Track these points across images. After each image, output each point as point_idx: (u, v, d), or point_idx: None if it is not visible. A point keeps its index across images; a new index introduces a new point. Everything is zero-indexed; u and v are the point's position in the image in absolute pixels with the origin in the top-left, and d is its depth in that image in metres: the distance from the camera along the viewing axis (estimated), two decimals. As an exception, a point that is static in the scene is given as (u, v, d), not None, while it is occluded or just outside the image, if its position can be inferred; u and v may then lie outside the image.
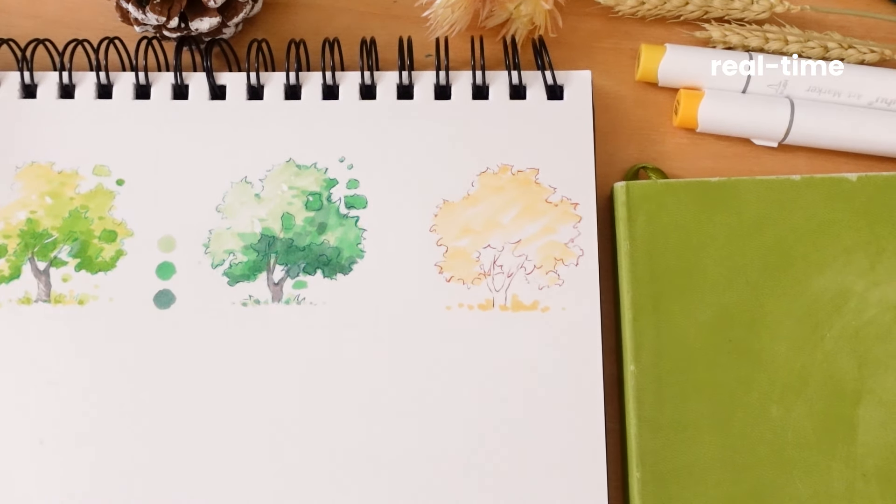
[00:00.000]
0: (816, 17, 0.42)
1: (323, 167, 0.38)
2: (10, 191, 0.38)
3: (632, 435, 0.35)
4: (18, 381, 0.36)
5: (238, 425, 0.35)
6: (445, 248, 0.37)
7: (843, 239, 0.36)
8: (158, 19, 0.38)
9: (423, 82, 0.39)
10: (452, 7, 0.39)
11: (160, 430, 0.35)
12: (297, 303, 0.36)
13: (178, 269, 0.37)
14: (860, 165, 0.40)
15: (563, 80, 0.39)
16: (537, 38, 0.40)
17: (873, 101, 0.39)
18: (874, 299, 0.36)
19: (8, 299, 0.36)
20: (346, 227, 0.37)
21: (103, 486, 0.35)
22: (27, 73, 0.39)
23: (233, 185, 0.38)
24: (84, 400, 0.35)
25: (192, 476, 0.35)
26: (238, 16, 0.39)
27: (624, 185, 0.37)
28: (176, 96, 0.39)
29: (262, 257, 0.37)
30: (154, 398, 0.36)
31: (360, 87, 0.39)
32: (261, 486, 0.35)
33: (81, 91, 0.39)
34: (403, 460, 0.35)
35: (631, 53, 0.42)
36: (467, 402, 0.35)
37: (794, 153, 0.40)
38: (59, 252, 0.37)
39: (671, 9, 0.41)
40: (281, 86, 0.39)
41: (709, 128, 0.39)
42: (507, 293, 0.37)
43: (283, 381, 0.36)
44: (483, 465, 0.35)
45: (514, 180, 0.38)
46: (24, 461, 0.35)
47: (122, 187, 0.38)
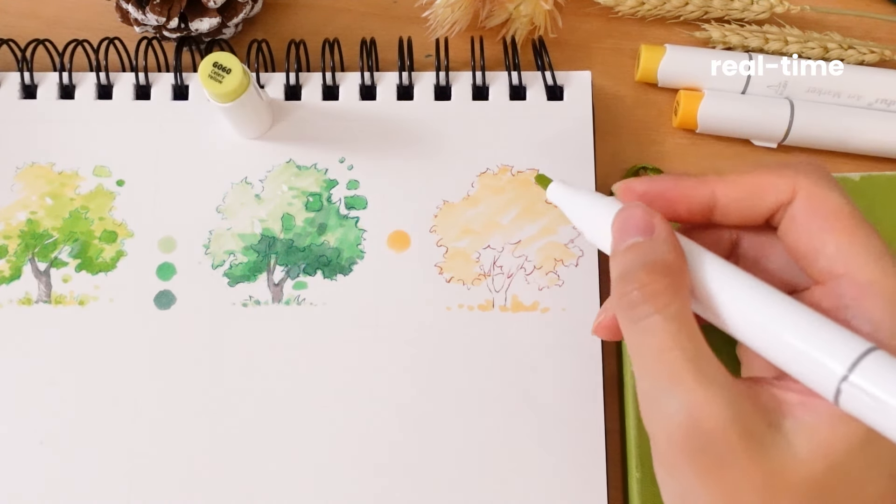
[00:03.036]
0: (816, 18, 0.42)
1: (323, 168, 0.38)
2: (11, 191, 0.38)
3: (632, 435, 0.35)
4: (19, 382, 0.36)
5: (238, 426, 0.35)
6: (445, 248, 0.37)
7: (842, 240, 0.36)
8: (158, 20, 0.38)
9: (423, 83, 0.39)
10: (452, 7, 0.39)
11: (160, 431, 0.35)
12: (297, 303, 0.36)
13: (179, 270, 0.37)
14: (859, 166, 0.40)
15: (563, 81, 0.39)
16: (537, 38, 0.40)
17: (873, 101, 0.39)
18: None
19: (8, 300, 0.36)
20: (346, 228, 0.37)
21: (103, 486, 0.35)
22: (27, 73, 0.39)
23: (233, 186, 0.38)
24: (84, 400, 0.36)
25: (193, 476, 0.35)
26: (238, 16, 0.39)
27: (624, 186, 0.37)
28: (176, 97, 0.39)
29: (262, 258, 0.37)
30: (154, 399, 0.36)
31: (360, 87, 0.39)
32: (261, 486, 0.35)
33: (81, 91, 0.39)
34: (403, 460, 0.35)
35: (631, 54, 0.42)
36: (467, 403, 0.35)
37: (794, 154, 0.40)
38: (60, 253, 0.37)
39: (671, 9, 0.41)
40: (281, 86, 0.39)
41: (708, 128, 0.39)
42: (507, 294, 0.37)
43: (283, 381, 0.36)
44: (483, 465, 0.35)
45: (513, 181, 0.38)
46: (24, 461, 0.35)
47: (122, 188, 0.38)
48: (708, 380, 0.24)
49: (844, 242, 0.25)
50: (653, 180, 0.28)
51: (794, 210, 0.26)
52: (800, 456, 0.24)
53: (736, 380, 0.25)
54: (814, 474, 0.24)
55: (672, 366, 0.24)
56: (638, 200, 0.28)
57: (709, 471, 0.24)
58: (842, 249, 0.25)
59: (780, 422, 0.24)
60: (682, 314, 0.25)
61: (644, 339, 0.25)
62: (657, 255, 0.26)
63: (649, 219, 0.27)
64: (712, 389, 0.24)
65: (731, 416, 0.23)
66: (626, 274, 0.26)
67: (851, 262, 0.25)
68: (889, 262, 0.25)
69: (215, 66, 0.33)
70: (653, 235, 0.27)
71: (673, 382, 0.24)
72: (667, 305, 0.25)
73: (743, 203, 0.27)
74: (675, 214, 0.28)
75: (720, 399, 0.24)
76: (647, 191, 0.28)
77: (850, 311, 0.25)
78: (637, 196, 0.28)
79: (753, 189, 0.27)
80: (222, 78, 0.33)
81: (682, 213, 0.28)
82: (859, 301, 0.25)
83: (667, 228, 0.27)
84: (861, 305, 0.24)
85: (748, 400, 0.24)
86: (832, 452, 0.23)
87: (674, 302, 0.25)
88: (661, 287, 0.25)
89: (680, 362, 0.24)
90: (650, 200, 0.28)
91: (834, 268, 0.25)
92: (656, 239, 0.26)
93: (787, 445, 0.24)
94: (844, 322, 0.25)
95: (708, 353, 0.25)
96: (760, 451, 0.24)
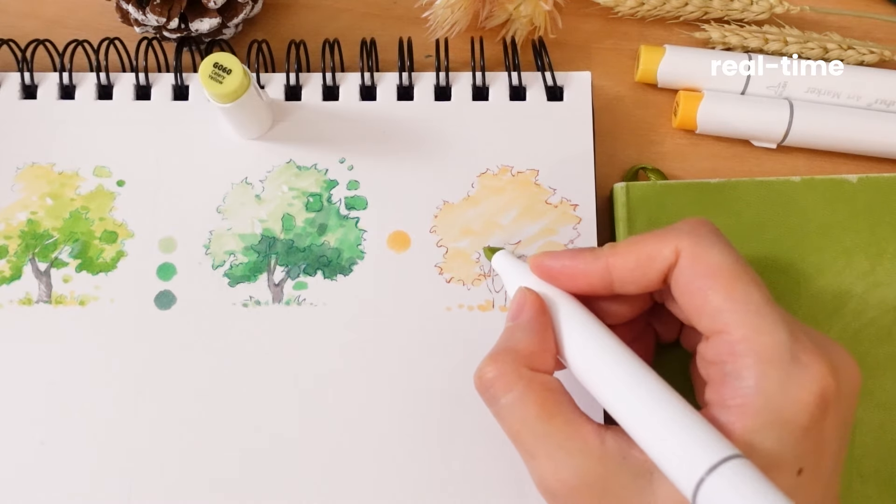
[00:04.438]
0: (816, 18, 0.42)
1: (323, 168, 0.38)
2: (11, 192, 0.38)
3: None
4: (19, 382, 0.36)
5: (238, 426, 0.35)
6: (445, 248, 0.37)
7: (843, 240, 0.36)
8: (158, 20, 0.38)
9: (423, 83, 0.39)
10: (452, 8, 0.39)
11: (161, 431, 0.35)
12: (297, 304, 0.37)
13: (179, 270, 0.37)
14: (859, 166, 0.40)
15: (562, 81, 0.39)
16: (537, 38, 0.40)
17: (872, 102, 0.39)
18: (874, 301, 0.36)
19: (9, 300, 0.37)
20: (346, 229, 0.37)
21: (104, 486, 0.35)
22: (27, 73, 0.39)
23: (233, 186, 0.38)
24: (85, 401, 0.36)
25: (193, 476, 0.35)
26: (238, 16, 0.39)
27: (624, 186, 0.37)
28: (176, 97, 0.39)
29: (262, 258, 0.37)
30: (155, 399, 0.36)
31: (360, 87, 0.39)
32: (261, 485, 0.35)
33: (82, 92, 0.39)
34: (403, 460, 0.35)
35: (631, 54, 0.42)
36: (467, 403, 0.36)
37: (794, 154, 0.40)
38: (60, 253, 0.37)
39: (671, 9, 0.41)
40: (281, 86, 0.39)
41: (708, 129, 0.40)
42: (507, 294, 0.37)
43: (283, 381, 0.36)
44: (483, 465, 0.35)
45: (513, 181, 0.38)
46: (24, 461, 0.35)
47: (122, 188, 0.38)
48: (556, 454, 0.27)
49: (722, 299, 0.26)
50: (556, 256, 0.30)
51: (677, 272, 0.27)
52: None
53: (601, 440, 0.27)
54: None
55: (524, 445, 0.28)
56: (544, 274, 0.30)
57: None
58: (720, 307, 0.26)
59: (650, 471, 0.26)
60: (523, 396, 0.27)
61: (500, 421, 0.29)
62: (511, 341, 0.29)
63: (522, 302, 0.30)
64: (561, 461, 0.26)
65: (584, 480, 0.26)
66: (485, 358, 0.29)
67: (728, 319, 0.26)
68: (764, 318, 0.26)
69: (215, 67, 0.33)
70: (517, 320, 0.29)
71: (529, 458, 0.28)
72: (508, 390, 0.28)
73: (634, 273, 0.28)
74: (579, 288, 0.30)
75: (570, 469, 0.26)
76: (551, 266, 0.30)
77: (727, 366, 0.26)
78: (542, 270, 0.31)
79: (640, 257, 0.28)
80: (222, 78, 0.33)
81: (583, 286, 0.30)
82: (734, 358, 0.26)
83: (531, 313, 0.29)
84: (735, 363, 0.25)
85: (608, 458, 0.26)
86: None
87: (515, 387, 0.28)
88: (502, 373, 0.28)
89: (530, 442, 0.27)
90: (553, 276, 0.30)
91: (714, 325, 0.26)
92: (517, 325, 0.29)
93: (651, 497, 0.25)
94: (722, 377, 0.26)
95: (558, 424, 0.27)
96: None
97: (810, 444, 0.25)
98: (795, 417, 0.25)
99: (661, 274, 0.28)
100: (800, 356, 0.25)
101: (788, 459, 0.24)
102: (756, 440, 0.24)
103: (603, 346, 0.28)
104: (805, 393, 0.25)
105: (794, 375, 0.25)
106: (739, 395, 0.25)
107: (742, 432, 0.24)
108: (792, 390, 0.25)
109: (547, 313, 0.29)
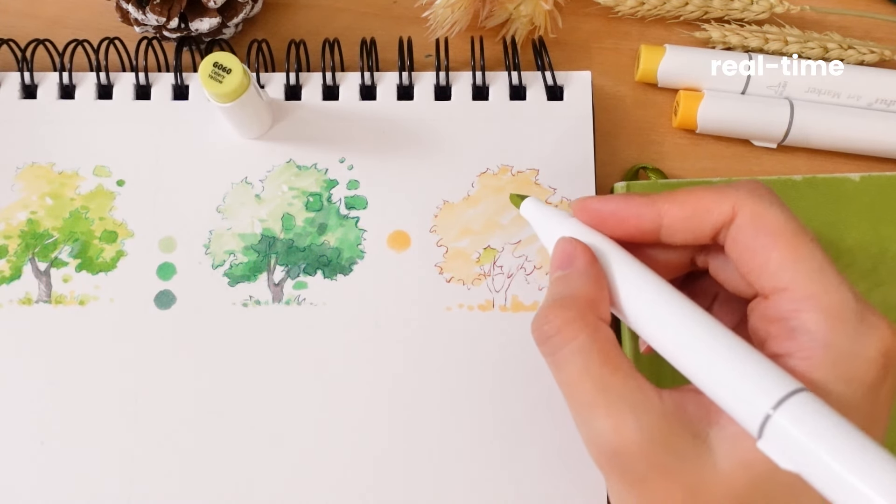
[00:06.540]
0: (816, 18, 0.42)
1: (323, 168, 0.38)
2: (11, 191, 0.38)
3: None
4: (19, 382, 0.36)
5: (239, 426, 0.35)
6: (445, 248, 0.37)
7: (845, 240, 0.36)
8: (158, 20, 0.38)
9: (423, 83, 0.39)
10: (452, 7, 0.39)
11: (161, 431, 0.35)
12: (297, 303, 0.36)
13: (179, 270, 0.37)
14: (859, 166, 0.40)
15: (563, 81, 0.39)
16: (537, 38, 0.40)
17: (873, 101, 0.39)
18: (876, 301, 0.36)
19: (9, 300, 0.36)
20: (346, 228, 0.37)
21: (104, 485, 0.35)
22: (27, 73, 0.39)
23: (233, 186, 0.38)
24: (85, 400, 0.36)
25: (193, 476, 0.35)
26: (238, 16, 0.39)
27: (624, 186, 0.37)
28: (176, 97, 0.39)
29: (262, 258, 0.37)
30: (154, 398, 0.36)
31: (360, 87, 0.39)
32: (261, 486, 0.35)
33: (81, 91, 0.39)
34: (403, 460, 0.35)
35: (631, 54, 0.42)
36: (467, 403, 0.35)
37: (794, 154, 0.40)
38: (60, 253, 0.37)
39: (671, 9, 0.41)
40: (281, 86, 0.39)
41: (708, 128, 0.39)
42: (507, 294, 0.37)
43: (283, 381, 0.36)
44: (483, 465, 0.35)
45: (514, 181, 0.38)
46: (24, 461, 0.35)
47: (122, 188, 0.38)
48: (619, 407, 0.25)
49: (786, 258, 0.26)
50: (606, 199, 0.29)
51: (736, 228, 0.27)
52: (721, 468, 0.24)
53: (659, 396, 0.26)
54: (735, 489, 0.24)
55: (584, 397, 0.26)
56: (591, 218, 0.29)
57: (633, 485, 0.25)
58: (783, 265, 0.26)
59: (707, 431, 0.25)
60: (588, 346, 0.26)
61: (558, 371, 0.27)
62: (569, 289, 0.27)
63: (571, 250, 0.28)
64: (625, 415, 0.25)
65: (648, 436, 0.25)
66: (542, 307, 0.28)
67: (793, 277, 0.26)
68: (829, 277, 0.25)
69: (215, 66, 0.33)
70: (570, 269, 0.28)
71: (588, 411, 0.26)
72: (573, 339, 0.26)
73: (687, 223, 0.28)
74: (626, 233, 0.29)
75: (633, 423, 0.25)
76: (600, 209, 0.29)
77: (791, 322, 0.26)
78: (590, 213, 0.29)
79: (696, 209, 0.28)
80: (222, 78, 0.33)
81: (632, 231, 0.29)
82: (799, 314, 0.25)
83: (585, 260, 0.28)
84: (800, 318, 0.25)
85: (669, 416, 0.25)
86: (754, 465, 0.24)
87: (580, 335, 0.26)
88: (567, 320, 0.27)
89: (590, 394, 0.26)
90: (602, 218, 0.29)
91: (776, 283, 0.26)
92: (572, 273, 0.28)
93: (709, 457, 0.25)
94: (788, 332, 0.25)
95: (621, 377, 0.26)
96: (680, 466, 0.25)
97: (869, 404, 0.25)
98: (863, 374, 0.24)
99: (714, 228, 0.27)
100: (866, 315, 0.25)
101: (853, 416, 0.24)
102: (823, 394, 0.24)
103: (660, 291, 0.27)
104: (873, 351, 0.25)
105: (862, 333, 0.25)
106: (807, 348, 0.25)
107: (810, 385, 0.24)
108: (860, 348, 0.25)
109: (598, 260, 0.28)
